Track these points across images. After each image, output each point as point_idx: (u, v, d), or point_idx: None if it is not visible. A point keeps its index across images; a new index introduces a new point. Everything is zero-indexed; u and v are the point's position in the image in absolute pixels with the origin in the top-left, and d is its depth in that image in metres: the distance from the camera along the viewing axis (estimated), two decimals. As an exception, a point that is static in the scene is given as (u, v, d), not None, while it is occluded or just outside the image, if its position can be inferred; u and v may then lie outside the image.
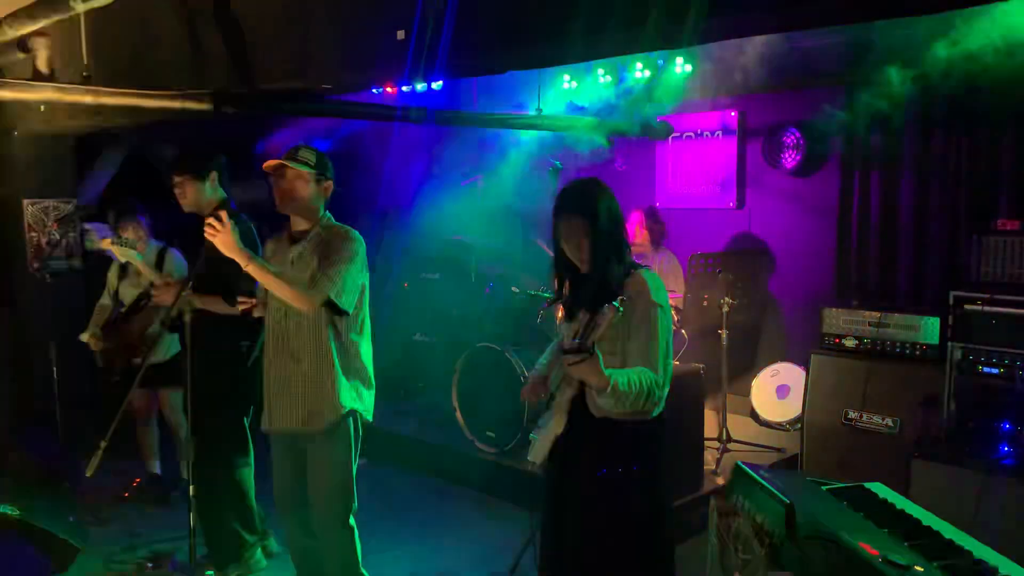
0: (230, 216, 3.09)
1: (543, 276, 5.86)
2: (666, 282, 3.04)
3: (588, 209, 2.72)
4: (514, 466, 5.11)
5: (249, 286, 3.31)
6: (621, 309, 2.42)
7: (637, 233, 5.97)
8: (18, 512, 3.87)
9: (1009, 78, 4.86)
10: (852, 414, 4.70)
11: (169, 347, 4.82)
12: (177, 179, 3.77)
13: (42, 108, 5.30)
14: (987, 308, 4.14)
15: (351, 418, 3.30)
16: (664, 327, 2.69)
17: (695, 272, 5.10)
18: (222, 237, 3.01)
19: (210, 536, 3.92)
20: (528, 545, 4.06)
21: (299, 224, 3.32)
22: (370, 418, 3.38)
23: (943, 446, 4.10)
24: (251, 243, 3.64)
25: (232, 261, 3.05)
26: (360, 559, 3.40)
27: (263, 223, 3.94)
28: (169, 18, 4.55)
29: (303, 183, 3.21)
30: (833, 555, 1.93)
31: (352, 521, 3.36)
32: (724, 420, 5.41)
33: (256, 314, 3.37)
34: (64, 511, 4.20)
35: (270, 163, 3.20)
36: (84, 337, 4.74)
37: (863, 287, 5.68)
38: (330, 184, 3.30)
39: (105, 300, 4.97)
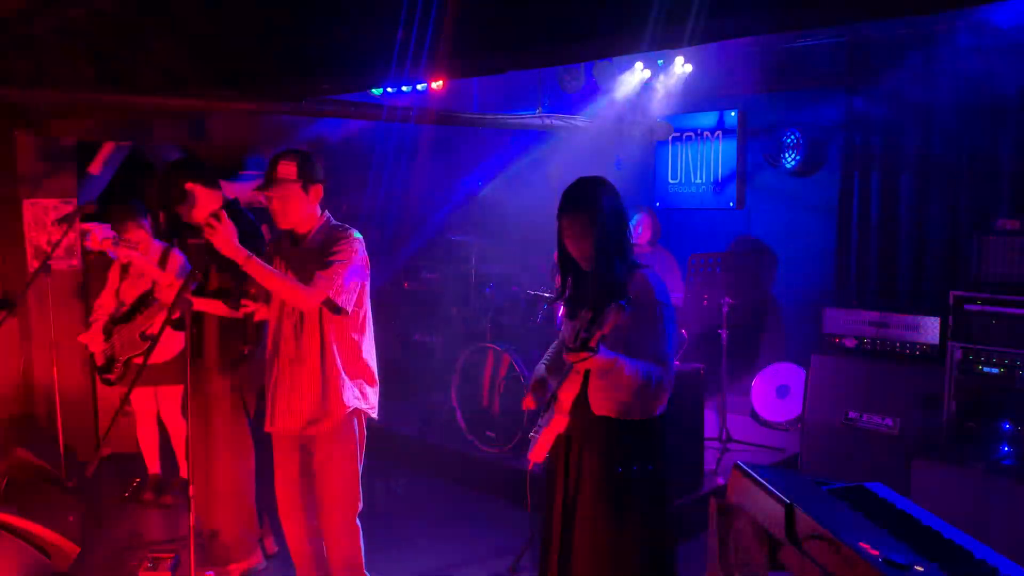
0: (234, 214, 3.08)
1: (543, 276, 5.86)
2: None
3: (591, 207, 2.72)
4: (514, 466, 5.11)
5: (250, 288, 3.30)
6: (628, 309, 2.41)
7: (642, 233, 5.97)
8: (18, 512, 3.86)
9: (1009, 76, 4.88)
10: (852, 414, 4.70)
11: (170, 347, 4.81)
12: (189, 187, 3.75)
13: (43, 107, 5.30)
14: (987, 308, 4.14)
15: (355, 418, 3.29)
16: (669, 325, 2.70)
17: (695, 272, 5.09)
18: (220, 236, 3.01)
19: (210, 536, 3.92)
20: (528, 545, 4.06)
21: (299, 228, 3.31)
22: (375, 416, 3.38)
23: (943, 446, 4.10)
24: (255, 241, 3.61)
25: (232, 262, 3.04)
26: (364, 560, 3.40)
27: (265, 220, 3.93)
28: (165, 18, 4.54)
29: (293, 197, 3.19)
30: (833, 555, 1.93)
31: (358, 521, 3.36)
32: (724, 420, 5.41)
33: (258, 318, 3.35)
34: (64, 511, 4.20)
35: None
36: (83, 338, 4.74)
37: (863, 287, 5.68)
38: (320, 186, 3.26)
39: (105, 299, 4.96)
